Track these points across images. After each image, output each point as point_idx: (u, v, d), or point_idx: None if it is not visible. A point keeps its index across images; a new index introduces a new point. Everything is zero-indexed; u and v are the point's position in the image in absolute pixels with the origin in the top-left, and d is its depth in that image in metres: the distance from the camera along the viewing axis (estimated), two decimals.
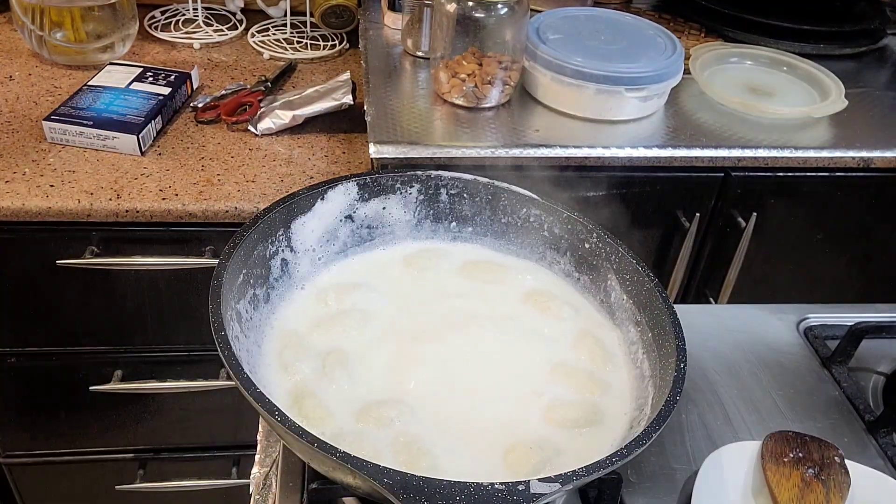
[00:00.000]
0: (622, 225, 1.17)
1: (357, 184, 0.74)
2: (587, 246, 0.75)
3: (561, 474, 0.50)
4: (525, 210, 0.78)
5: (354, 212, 0.75)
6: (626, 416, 0.65)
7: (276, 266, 0.70)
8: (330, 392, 0.64)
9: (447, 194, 0.78)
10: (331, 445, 0.49)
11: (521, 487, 0.48)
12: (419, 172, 0.76)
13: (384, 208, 0.77)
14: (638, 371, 0.68)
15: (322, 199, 0.73)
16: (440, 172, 0.77)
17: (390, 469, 0.48)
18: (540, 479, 0.49)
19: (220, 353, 0.55)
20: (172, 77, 1.23)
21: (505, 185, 0.78)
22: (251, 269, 0.67)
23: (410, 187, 0.77)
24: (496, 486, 0.48)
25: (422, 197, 0.78)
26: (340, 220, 0.75)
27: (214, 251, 1.09)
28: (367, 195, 0.75)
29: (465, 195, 0.78)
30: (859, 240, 1.26)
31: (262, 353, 0.65)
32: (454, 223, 0.80)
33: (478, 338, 0.71)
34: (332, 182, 0.73)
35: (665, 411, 0.56)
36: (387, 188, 0.76)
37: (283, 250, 0.71)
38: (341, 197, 0.74)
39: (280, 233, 0.70)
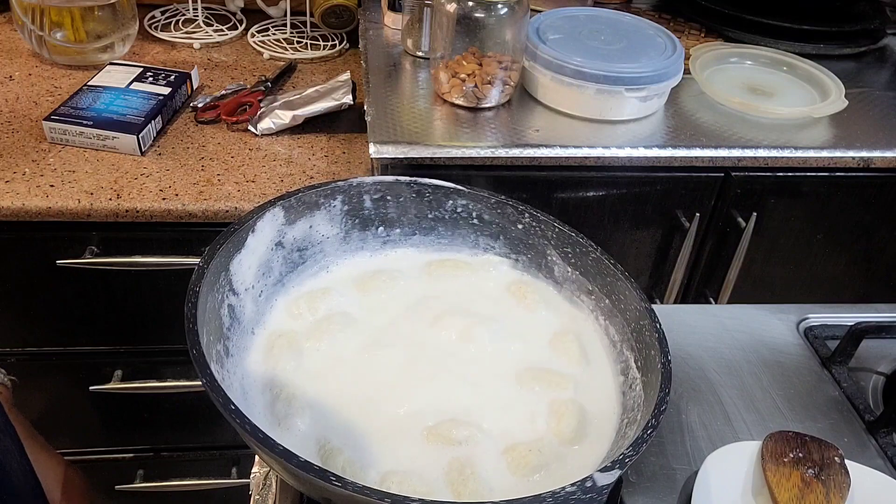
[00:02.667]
0: (622, 225, 1.18)
1: (282, 207, 0.71)
2: (520, 227, 0.76)
3: (615, 460, 0.52)
4: (451, 202, 0.77)
5: (283, 237, 0.72)
6: (615, 381, 0.68)
7: (226, 314, 0.66)
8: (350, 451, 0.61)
9: (371, 200, 0.76)
10: (380, 490, 0.48)
11: (588, 484, 0.50)
12: (341, 182, 0.75)
13: (311, 227, 0.74)
14: (606, 338, 0.71)
15: (252, 231, 0.69)
16: (362, 179, 0.76)
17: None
18: (600, 471, 0.51)
19: (238, 428, 0.54)
20: (172, 77, 1.23)
21: (428, 180, 0.77)
22: (208, 324, 0.62)
23: (334, 200, 0.75)
24: (567, 489, 0.50)
25: (346, 207, 0.76)
26: (272, 249, 0.72)
27: None
28: (293, 217, 0.72)
29: (388, 197, 0.77)
30: (859, 240, 1.26)
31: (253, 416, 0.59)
32: (381, 228, 0.78)
33: (454, 339, 0.71)
34: (260, 210, 0.70)
35: (665, 371, 0.59)
36: (311, 205, 0.73)
37: (227, 296, 0.67)
38: (269, 225, 0.71)
39: (223, 277, 0.67)
